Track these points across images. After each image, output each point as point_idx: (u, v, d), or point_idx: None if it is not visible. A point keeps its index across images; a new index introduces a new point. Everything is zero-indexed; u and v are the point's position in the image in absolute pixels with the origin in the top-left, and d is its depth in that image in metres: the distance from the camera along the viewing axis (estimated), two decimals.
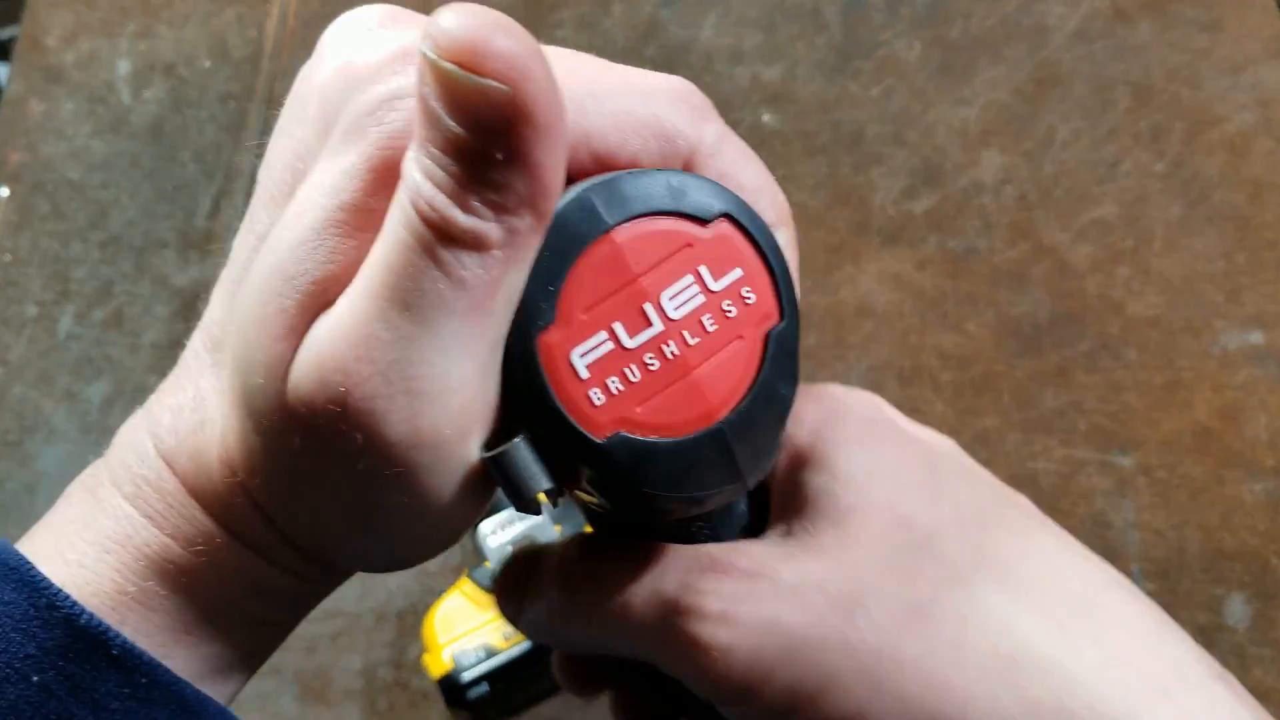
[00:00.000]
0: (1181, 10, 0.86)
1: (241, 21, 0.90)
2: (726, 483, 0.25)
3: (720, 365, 0.24)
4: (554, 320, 0.23)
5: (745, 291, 0.24)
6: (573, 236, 0.23)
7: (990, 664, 0.25)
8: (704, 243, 0.24)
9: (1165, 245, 0.78)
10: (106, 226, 0.82)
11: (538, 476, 0.23)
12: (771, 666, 0.25)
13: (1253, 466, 0.71)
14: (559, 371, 0.23)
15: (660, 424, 0.24)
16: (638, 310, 0.23)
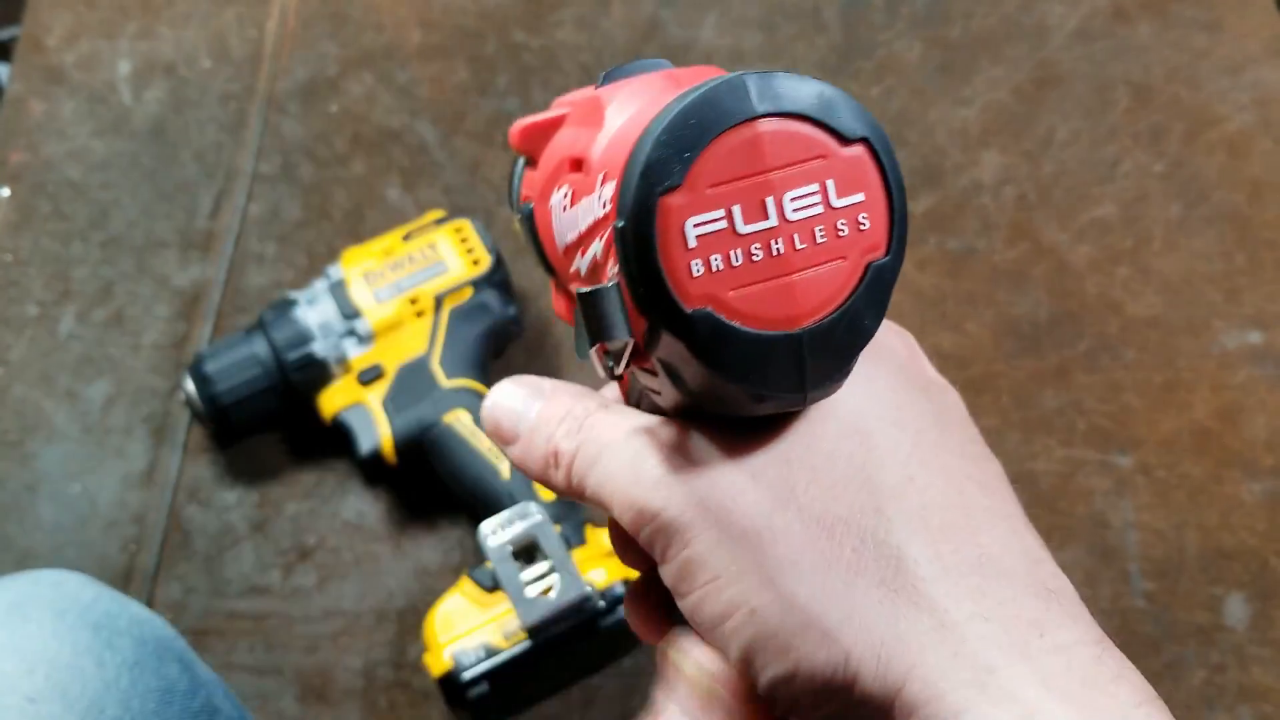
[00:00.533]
0: (1181, 10, 0.86)
1: (242, 22, 0.90)
2: (788, 391, 0.26)
3: (818, 278, 0.25)
4: (680, 185, 0.24)
5: (861, 217, 0.25)
6: (720, 113, 0.24)
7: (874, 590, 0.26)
8: (839, 159, 0.25)
9: (1164, 245, 0.78)
10: (107, 227, 0.82)
11: (618, 326, 0.25)
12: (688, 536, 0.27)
13: (1251, 466, 0.71)
14: (670, 234, 0.24)
15: (746, 312, 0.24)
16: (759, 201, 0.24)
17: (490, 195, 0.82)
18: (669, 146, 0.24)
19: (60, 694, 0.45)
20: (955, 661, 0.25)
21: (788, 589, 0.26)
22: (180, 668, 0.50)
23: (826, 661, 0.25)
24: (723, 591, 0.27)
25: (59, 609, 0.48)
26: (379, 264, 0.72)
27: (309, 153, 0.84)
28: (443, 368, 0.70)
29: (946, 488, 0.28)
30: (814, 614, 0.26)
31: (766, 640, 0.26)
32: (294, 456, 0.74)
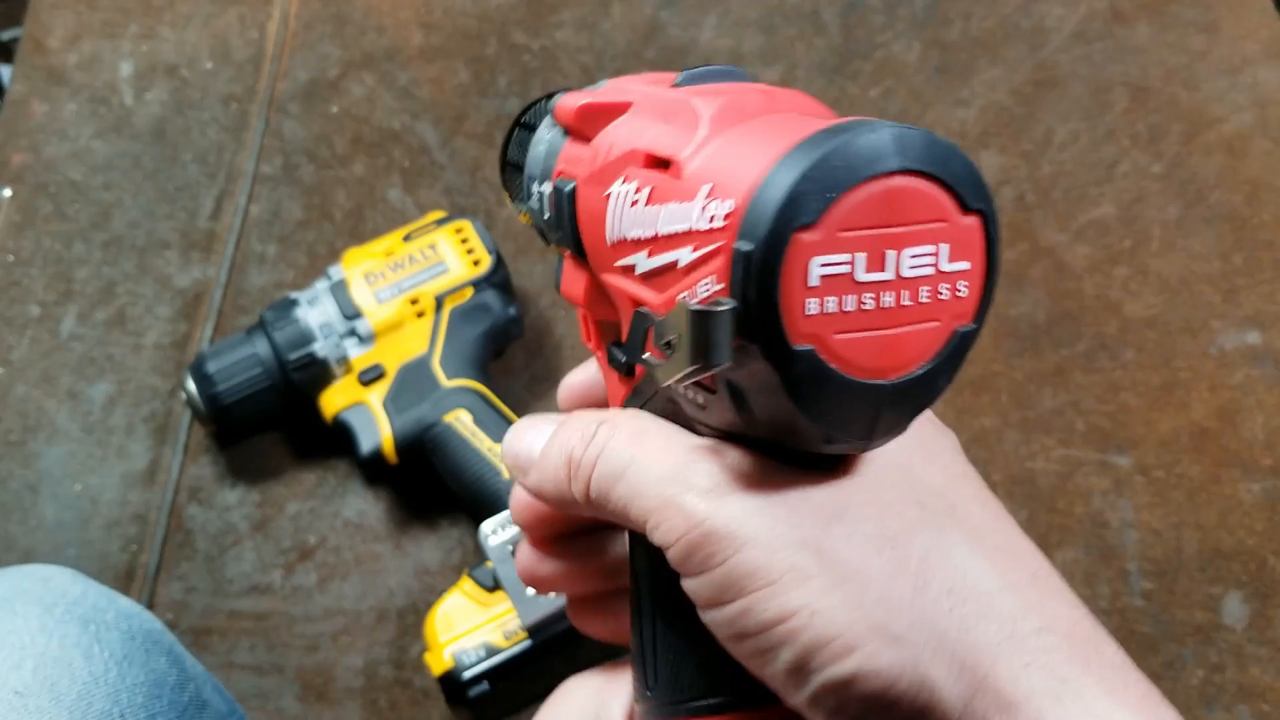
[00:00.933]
0: (1179, 12, 0.86)
1: (243, 23, 0.90)
2: (858, 437, 0.27)
3: (912, 335, 0.26)
4: (815, 224, 0.24)
5: (961, 285, 0.26)
6: (863, 161, 0.24)
7: (943, 599, 0.26)
8: (957, 226, 0.26)
9: (1163, 246, 0.78)
10: (109, 227, 0.83)
11: (724, 348, 0.25)
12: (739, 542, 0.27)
13: (1250, 466, 0.71)
14: (794, 269, 0.24)
15: (845, 358, 0.25)
16: (881, 253, 0.25)
17: (491, 196, 0.83)
18: (812, 183, 0.24)
19: (49, 687, 0.45)
20: (1028, 672, 0.25)
21: (854, 593, 0.26)
22: (169, 661, 0.49)
23: (893, 664, 0.26)
24: (779, 595, 0.27)
25: (47, 603, 0.48)
26: (380, 264, 0.72)
27: (310, 153, 0.85)
28: (443, 368, 0.70)
29: (984, 514, 0.29)
30: (881, 618, 0.26)
31: (828, 642, 0.26)
32: (295, 456, 0.75)
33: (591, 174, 0.31)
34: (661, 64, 0.86)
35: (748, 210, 0.25)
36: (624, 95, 0.32)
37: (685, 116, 0.29)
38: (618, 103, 0.32)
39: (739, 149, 0.27)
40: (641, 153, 0.29)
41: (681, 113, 0.29)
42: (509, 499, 0.34)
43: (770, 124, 0.28)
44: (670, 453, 0.29)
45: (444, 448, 0.68)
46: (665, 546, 0.28)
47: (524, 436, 0.33)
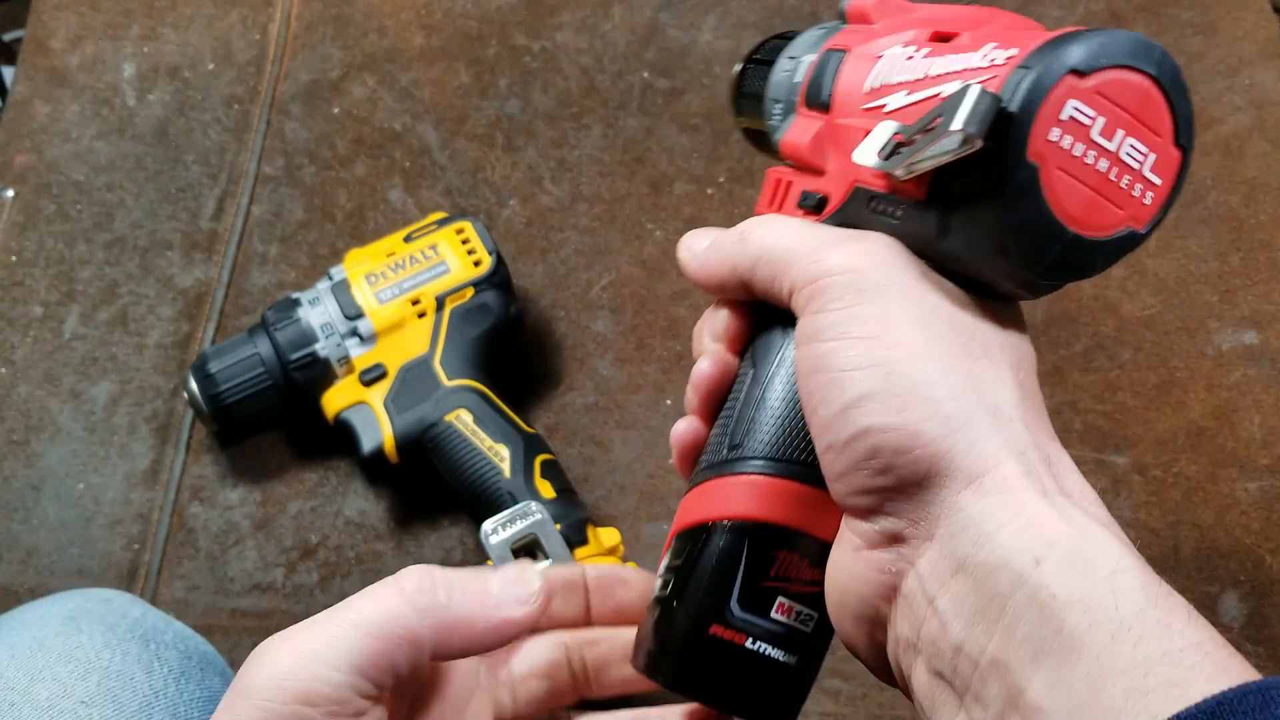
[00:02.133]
0: (1177, 13, 0.86)
1: (245, 24, 0.90)
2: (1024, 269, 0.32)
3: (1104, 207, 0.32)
4: (1086, 74, 0.30)
5: (1149, 194, 0.32)
6: (1142, 56, 0.31)
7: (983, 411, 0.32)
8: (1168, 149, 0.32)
9: (1160, 246, 0.79)
10: (111, 228, 0.83)
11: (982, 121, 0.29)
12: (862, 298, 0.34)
13: (1247, 465, 0.72)
14: (1055, 98, 0.30)
15: (1055, 191, 0.31)
16: (1115, 129, 0.31)
17: (491, 196, 0.83)
18: (1097, 47, 0.30)
19: (112, 699, 0.47)
20: (1024, 477, 0.31)
21: (927, 374, 0.32)
22: (222, 681, 0.52)
23: (928, 430, 0.32)
24: (871, 348, 0.33)
25: (109, 622, 0.51)
26: (381, 265, 0.72)
27: (311, 154, 0.85)
28: (444, 367, 0.71)
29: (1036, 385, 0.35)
30: (940, 397, 0.32)
31: (886, 396, 0.32)
32: (296, 456, 0.75)
33: (869, 43, 0.38)
34: (661, 65, 0.87)
35: (1037, 49, 0.30)
36: (914, 5, 0.40)
37: (976, 16, 0.36)
38: (908, 5, 0.40)
39: (1024, 32, 0.33)
40: (928, 30, 0.36)
41: (972, 13, 0.36)
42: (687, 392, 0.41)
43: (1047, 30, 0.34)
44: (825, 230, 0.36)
45: (445, 447, 0.69)
46: (799, 287, 0.35)
47: (697, 238, 0.41)
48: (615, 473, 0.74)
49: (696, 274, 0.40)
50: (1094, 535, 0.30)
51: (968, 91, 0.30)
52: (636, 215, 0.82)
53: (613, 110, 0.86)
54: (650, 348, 0.78)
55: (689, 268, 0.40)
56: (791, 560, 0.37)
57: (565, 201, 0.83)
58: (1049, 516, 0.30)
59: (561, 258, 0.81)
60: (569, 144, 0.85)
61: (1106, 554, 0.30)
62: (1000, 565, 0.30)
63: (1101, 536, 0.30)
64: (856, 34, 0.39)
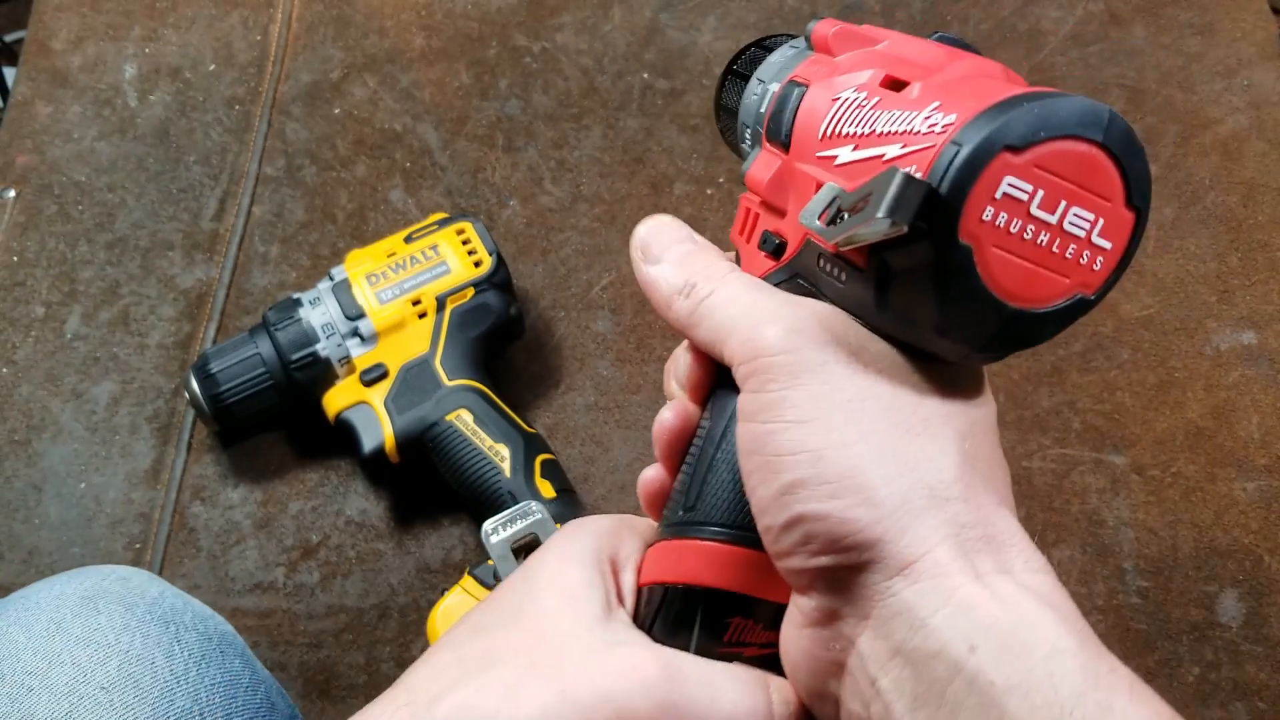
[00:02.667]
0: (1175, 14, 0.87)
1: (246, 25, 0.91)
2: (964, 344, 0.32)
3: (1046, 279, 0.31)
4: (1021, 149, 0.29)
5: (1099, 259, 0.31)
6: (1083, 123, 0.29)
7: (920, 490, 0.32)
8: (1118, 212, 0.31)
9: (1159, 246, 0.79)
10: (113, 228, 0.83)
11: (910, 209, 0.29)
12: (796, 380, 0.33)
13: (1245, 465, 0.72)
14: (988, 178, 0.29)
15: (991, 269, 0.30)
16: (1057, 200, 0.30)
17: (491, 197, 0.83)
18: (1033, 118, 0.29)
19: (133, 684, 0.47)
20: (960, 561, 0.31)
21: (857, 458, 0.32)
22: (242, 663, 0.52)
23: (860, 518, 0.31)
24: (800, 433, 0.32)
25: (128, 602, 0.50)
26: (382, 265, 0.72)
27: (312, 155, 0.85)
28: (445, 367, 0.71)
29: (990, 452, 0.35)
30: (871, 483, 0.32)
31: (818, 483, 0.32)
32: (297, 455, 0.75)
33: (827, 81, 0.37)
34: (661, 66, 0.87)
35: (970, 122, 0.29)
36: (877, 34, 0.38)
37: (932, 59, 0.35)
38: (872, 36, 0.38)
39: (972, 88, 0.32)
40: (883, 74, 0.35)
41: (930, 55, 0.35)
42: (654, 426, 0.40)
43: (1003, 83, 0.33)
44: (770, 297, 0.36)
45: (446, 447, 0.69)
46: (738, 363, 0.34)
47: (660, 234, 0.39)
48: (615, 472, 0.74)
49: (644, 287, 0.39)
50: (1029, 616, 0.30)
51: (895, 177, 0.29)
52: (636, 215, 0.82)
53: (613, 111, 0.86)
54: (650, 348, 0.78)
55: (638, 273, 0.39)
56: (746, 625, 0.37)
57: (565, 202, 0.83)
58: (982, 599, 0.30)
59: (561, 258, 0.81)
60: (569, 144, 0.85)
61: (1042, 635, 0.30)
62: (936, 653, 0.30)
63: (1037, 616, 0.30)
64: (819, 66, 0.38)
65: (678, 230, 0.40)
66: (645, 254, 0.39)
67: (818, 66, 0.38)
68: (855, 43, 0.38)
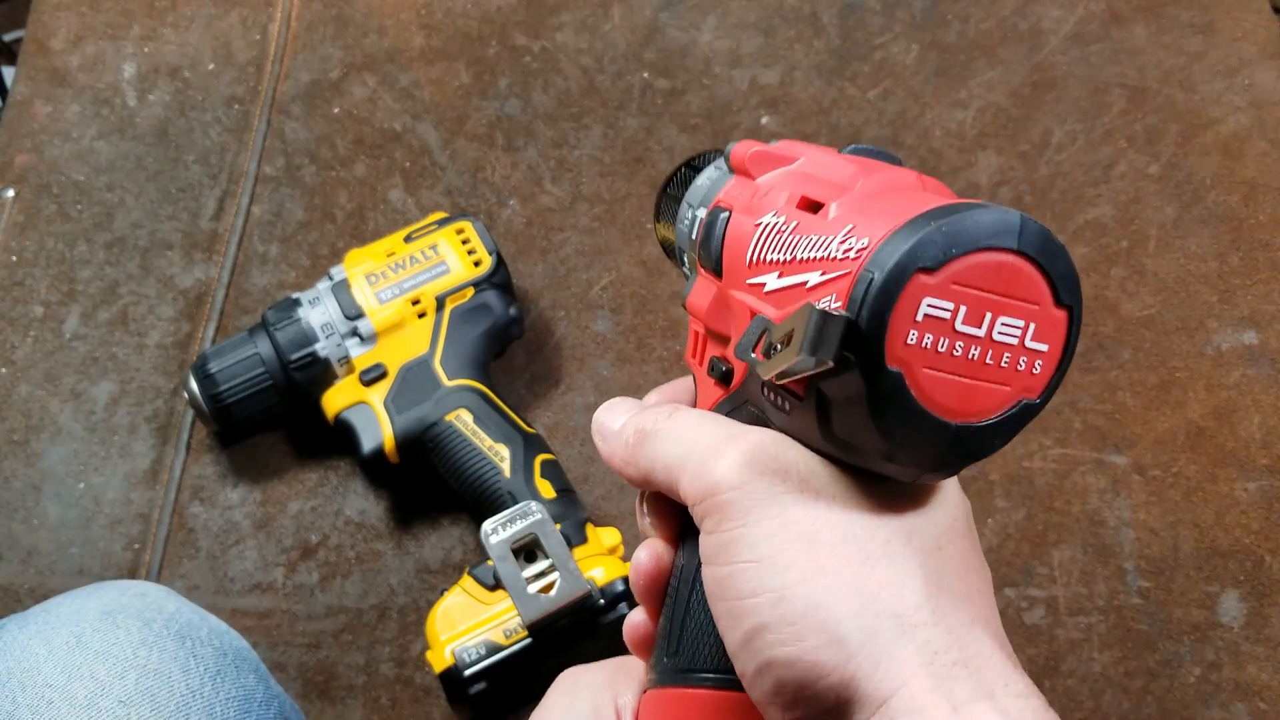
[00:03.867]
0: (1176, 13, 0.86)
1: (245, 25, 0.91)
2: (912, 465, 0.31)
3: (985, 391, 0.30)
4: (935, 270, 0.29)
5: (1038, 363, 0.31)
6: (993, 234, 0.29)
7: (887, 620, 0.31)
8: (1047, 313, 0.30)
9: (1160, 246, 0.79)
10: (112, 227, 0.83)
11: (832, 346, 0.29)
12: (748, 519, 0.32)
13: (1246, 465, 0.72)
14: (907, 302, 0.29)
15: (925, 390, 0.30)
16: (982, 313, 0.30)
17: (491, 196, 0.83)
18: (941, 238, 0.29)
19: (149, 698, 0.48)
20: (937, 692, 0.30)
21: (818, 593, 0.31)
22: (256, 679, 0.52)
23: (828, 660, 0.30)
24: (759, 574, 0.31)
25: (146, 618, 0.51)
26: (381, 265, 0.72)
27: (312, 155, 0.85)
28: (444, 367, 0.71)
29: (961, 566, 0.33)
30: (832, 621, 0.30)
31: (781, 625, 0.31)
32: (297, 455, 0.75)
33: (748, 206, 0.36)
34: (661, 66, 0.87)
35: (881, 246, 0.29)
36: (794, 151, 0.38)
37: (845, 176, 0.34)
38: (787, 155, 0.37)
39: (885, 205, 0.32)
40: (799, 195, 0.34)
41: (843, 172, 0.34)
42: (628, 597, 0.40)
43: (916, 196, 0.33)
44: (717, 432, 0.34)
45: (445, 447, 0.69)
46: (692, 503, 0.33)
47: (611, 412, 0.39)
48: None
49: (609, 465, 0.38)
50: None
51: (811, 315, 0.29)
52: (636, 215, 0.82)
53: (613, 110, 0.86)
54: (650, 348, 0.78)
55: (601, 452, 0.39)
56: None
57: (565, 201, 0.83)
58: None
59: (561, 258, 0.81)
60: (569, 144, 0.85)
61: None
62: None
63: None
64: (740, 190, 0.38)
65: (628, 401, 0.39)
66: (601, 431, 0.38)
67: (739, 190, 0.38)
68: (771, 164, 0.37)
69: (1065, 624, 0.68)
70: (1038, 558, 0.70)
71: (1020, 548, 0.70)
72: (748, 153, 0.38)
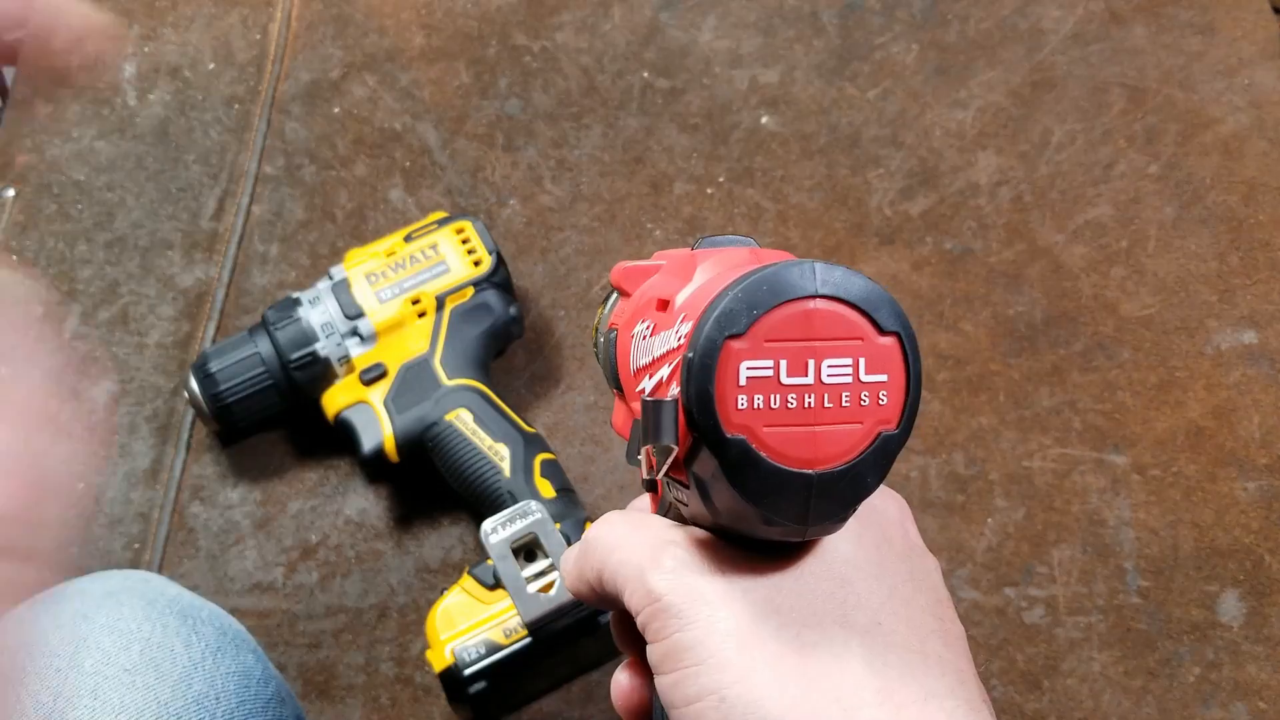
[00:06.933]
0: (1176, 13, 0.86)
1: (245, 24, 0.91)
2: (792, 521, 0.31)
3: (836, 433, 0.30)
4: (743, 334, 0.29)
5: (882, 394, 0.30)
6: (787, 286, 0.29)
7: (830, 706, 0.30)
8: (874, 345, 0.30)
9: (1159, 246, 0.79)
10: (112, 227, 0.83)
11: (670, 433, 0.30)
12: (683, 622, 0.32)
13: (1246, 465, 0.72)
14: (727, 370, 0.29)
15: (773, 447, 0.30)
16: (803, 361, 0.30)
17: (491, 196, 0.83)
18: (742, 303, 0.29)
19: (154, 668, 0.49)
20: None
21: (757, 689, 0.30)
22: (255, 658, 0.54)
23: None
24: (700, 677, 0.31)
25: (149, 598, 0.53)
26: (381, 264, 0.72)
27: (312, 154, 0.85)
28: (444, 367, 0.71)
29: (909, 637, 0.32)
30: (774, 713, 0.30)
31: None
32: (297, 455, 0.75)
33: (626, 322, 0.38)
34: (661, 65, 0.87)
35: (698, 325, 0.30)
36: (659, 259, 0.39)
37: (687, 268, 0.35)
38: (650, 266, 0.39)
39: (705, 285, 0.33)
40: (655, 299, 0.36)
41: (685, 266, 0.35)
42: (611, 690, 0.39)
43: (737, 268, 0.33)
44: (649, 539, 0.34)
45: (445, 446, 0.69)
46: (636, 613, 0.33)
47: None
48: (615, 472, 0.74)
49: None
50: None
51: (645, 407, 0.30)
52: (636, 215, 0.82)
53: (613, 110, 0.86)
54: None
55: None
56: None
57: (565, 201, 0.83)
58: None
59: (561, 257, 0.81)
60: (569, 144, 0.85)
61: None
62: None
63: None
64: (623, 308, 0.39)
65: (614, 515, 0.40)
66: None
67: (623, 308, 0.39)
68: (641, 276, 0.39)
69: (1065, 623, 0.68)
70: (1037, 557, 0.70)
71: (1020, 547, 0.70)
72: (621, 272, 0.39)
